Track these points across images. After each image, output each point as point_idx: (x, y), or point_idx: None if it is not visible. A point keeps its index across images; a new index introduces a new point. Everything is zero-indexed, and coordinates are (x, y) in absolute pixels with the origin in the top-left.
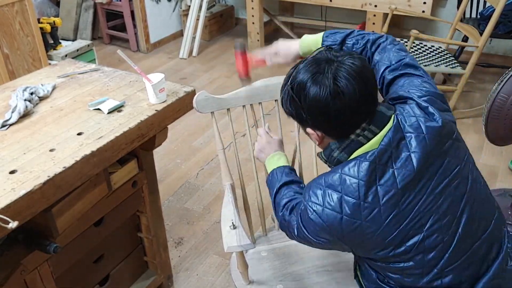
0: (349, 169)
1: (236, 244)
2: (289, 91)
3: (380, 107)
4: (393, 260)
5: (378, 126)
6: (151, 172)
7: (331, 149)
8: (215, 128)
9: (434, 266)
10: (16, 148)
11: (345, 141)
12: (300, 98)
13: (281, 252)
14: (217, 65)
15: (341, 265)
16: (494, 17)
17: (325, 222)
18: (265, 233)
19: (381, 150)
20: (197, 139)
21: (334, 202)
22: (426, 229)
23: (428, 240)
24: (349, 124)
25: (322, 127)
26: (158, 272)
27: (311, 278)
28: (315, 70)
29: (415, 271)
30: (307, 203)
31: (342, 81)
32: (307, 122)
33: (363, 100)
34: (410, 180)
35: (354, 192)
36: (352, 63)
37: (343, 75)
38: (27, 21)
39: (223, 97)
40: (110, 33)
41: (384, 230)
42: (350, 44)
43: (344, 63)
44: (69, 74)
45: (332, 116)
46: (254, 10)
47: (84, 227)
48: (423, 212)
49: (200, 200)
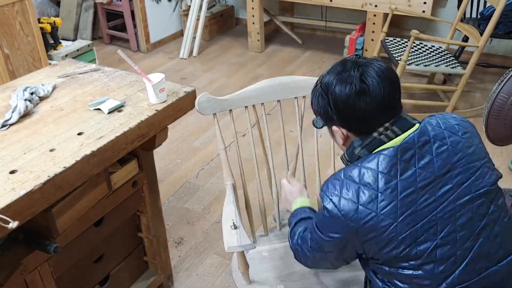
0: (368, 162)
1: (236, 244)
2: (318, 88)
3: (404, 115)
4: (402, 265)
5: (400, 128)
6: (151, 172)
7: (354, 147)
8: (217, 128)
9: (444, 279)
10: (16, 148)
11: (368, 139)
12: (327, 94)
13: (283, 252)
14: (217, 65)
15: (343, 266)
16: (494, 17)
17: (341, 211)
18: (267, 233)
19: (404, 147)
20: (197, 139)
21: (351, 193)
22: (440, 237)
23: (440, 249)
24: (373, 122)
25: (347, 123)
26: (158, 272)
27: (312, 278)
28: (341, 69)
29: (424, 282)
30: (324, 193)
31: (369, 79)
32: (334, 119)
33: (388, 100)
34: (430, 183)
35: (373, 183)
36: (379, 65)
37: (370, 74)
38: (27, 21)
39: (225, 98)
40: (110, 33)
41: (398, 226)
42: None
43: (372, 64)
44: (69, 74)
45: (358, 113)
46: (254, 10)
47: (84, 227)
48: (440, 218)
49: (200, 200)
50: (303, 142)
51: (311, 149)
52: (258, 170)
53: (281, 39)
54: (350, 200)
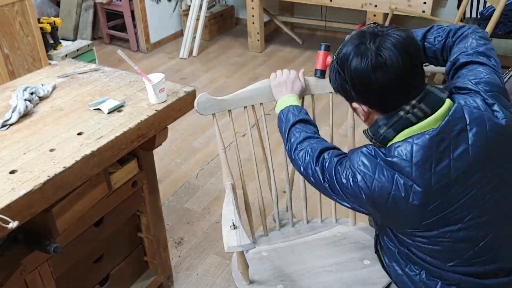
0: (402, 151)
1: (236, 244)
2: (334, 64)
3: (431, 88)
4: (422, 240)
5: (429, 106)
6: (151, 172)
7: (378, 125)
8: (216, 129)
9: (463, 255)
10: (16, 148)
11: (394, 117)
12: (344, 70)
13: (282, 252)
14: (217, 65)
15: (342, 265)
16: (494, 17)
17: (373, 193)
18: (266, 233)
19: (440, 137)
20: (197, 139)
21: (386, 177)
22: (465, 221)
23: (463, 232)
24: (394, 98)
25: (366, 100)
26: (158, 272)
27: (312, 278)
28: (358, 42)
29: (443, 255)
30: (357, 169)
31: (386, 52)
32: (352, 95)
33: (407, 73)
34: (463, 173)
35: (408, 175)
36: (398, 35)
37: (387, 46)
38: (27, 21)
39: (225, 99)
40: (110, 33)
41: (425, 214)
42: (431, 39)
43: (390, 35)
44: (69, 74)
45: (375, 88)
46: (254, 10)
47: (84, 227)
48: (468, 205)
49: (200, 200)
50: None
51: None
52: (258, 170)
53: (281, 39)
54: (384, 183)
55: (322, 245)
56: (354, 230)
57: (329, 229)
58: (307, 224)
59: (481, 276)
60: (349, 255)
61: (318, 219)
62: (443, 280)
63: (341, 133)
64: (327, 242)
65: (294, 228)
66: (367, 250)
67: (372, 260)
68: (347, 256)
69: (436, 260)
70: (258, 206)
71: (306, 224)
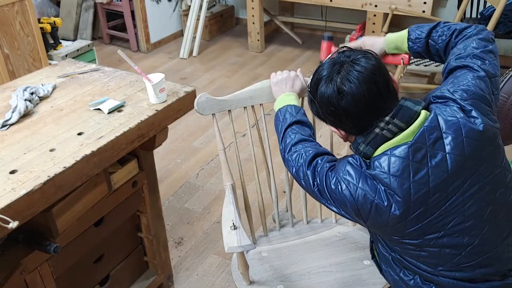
0: (380, 164)
1: (236, 244)
2: (308, 93)
3: (405, 102)
4: (409, 247)
5: (403, 120)
6: (151, 172)
7: (358, 143)
8: (216, 129)
9: (450, 260)
10: (16, 148)
11: (370, 135)
12: (315, 97)
13: (282, 252)
14: (217, 65)
15: (342, 266)
16: (494, 17)
17: (356, 201)
18: (266, 233)
19: (415, 147)
20: (197, 139)
21: (369, 185)
22: (448, 228)
23: (447, 238)
24: (364, 121)
25: (339, 124)
26: (158, 272)
27: (312, 278)
28: (327, 71)
29: (430, 261)
30: (342, 177)
31: (348, 85)
32: (326, 121)
33: (372, 99)
34: (442, 181)
35: (387, 185)
36: (363, 66)
37: (350, 78)
38: (27, 21)
39: (224, 99)
40: (110, 33)
41: (407, 223)
42: (435, 37)
43: (355, 65)
44: (69, 74)
45: (343, 114)
46: (254, 10)
47: (84, 227)
48: (448, 212)
49: (200, 200)
50: None
51: None
52: (257, 171)
53: (281, 39)
54: (367, 192)
55: (322, 245)
56: (354, 230)
57: (329, 230)
58: (307, 224)
59: (472, 280)
60: (349, 255)
61: (318, 219)
62: (436, 284)
63: None
64: (327, 243)
65: (294, 229)
66: (367, 250)
67: (372, 260)
68: (347, 256)
69: (425, 266)
70: (258, 206)
71: (306, 225)
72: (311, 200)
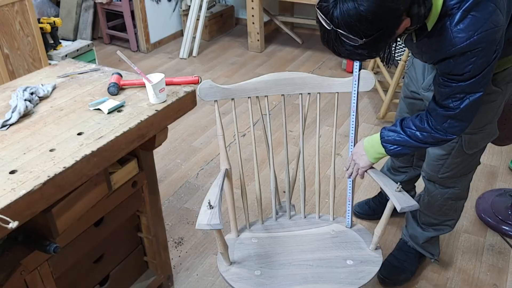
0: None
1: (206, 222)
2: (330, 30)
3: None
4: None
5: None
6: (151, 172)
7: (414, 12)
8: (217, 114)
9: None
10: (16, 148)
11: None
12: (351, 27)
13: (271, 241)
14: (217, 65)
15: (324, 261)
16: None
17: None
18: (262, 221)
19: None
20: (197, 139)
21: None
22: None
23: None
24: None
25: (380, 25)
26: (158, 272)
27: (290, 269)
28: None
29: None
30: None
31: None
32: (368, 32)
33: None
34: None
35: None
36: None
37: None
38: (27, 21)
39: (228, 87)
40: (110, 33)
41: None
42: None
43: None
44: (69, 74)
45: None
46: (254, 10)
47: (84, 227)
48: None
49: (200, 200)
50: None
51: (311, 148)
52: (258, 166)
53: (281, 39)
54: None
55: (313, 240)
56: (349, 230)
57: (324, 226)
58: (304, 218)
59: None
60: (335, 253)
61: (316, 214)
62: None
63: (341, 133)
64: (318, 238)
65: (291, 220)
66: (355, 251)
67: (356, 262)
68: (332, 253)
69: None
70: (255, 193)
71: (304, 219)
72: (311, 200)
